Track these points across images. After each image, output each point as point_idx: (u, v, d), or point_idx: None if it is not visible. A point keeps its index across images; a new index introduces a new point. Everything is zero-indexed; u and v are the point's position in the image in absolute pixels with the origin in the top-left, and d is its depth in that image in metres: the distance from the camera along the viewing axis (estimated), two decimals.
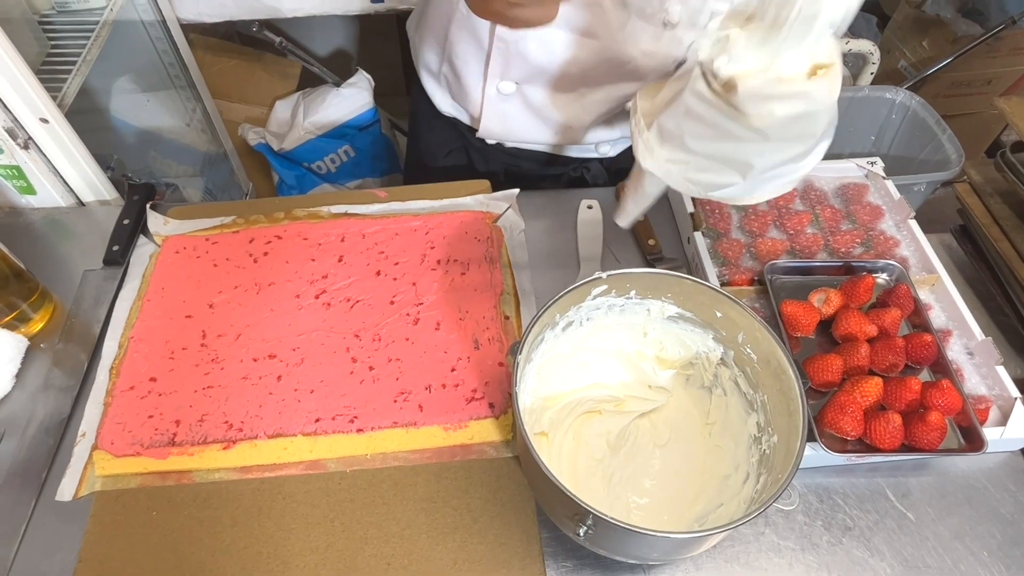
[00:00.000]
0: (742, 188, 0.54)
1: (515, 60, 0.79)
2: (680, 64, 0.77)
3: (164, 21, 1.28)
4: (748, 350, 0.59)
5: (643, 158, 0.57)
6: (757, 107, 0.46)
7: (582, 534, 0.50)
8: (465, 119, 0.94)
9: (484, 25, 0.78)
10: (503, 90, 0.84)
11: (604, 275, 0.59)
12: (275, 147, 1.65)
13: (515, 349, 0.54)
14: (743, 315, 0.58)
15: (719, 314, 0.60)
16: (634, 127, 0.59)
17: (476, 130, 0.91)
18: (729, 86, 0.46)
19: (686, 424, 0.65)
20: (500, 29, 0.76)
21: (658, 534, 0.48)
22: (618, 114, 0.89)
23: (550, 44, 0.76)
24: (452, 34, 0.82)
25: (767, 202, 0.85)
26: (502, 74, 0.82)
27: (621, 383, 0.67)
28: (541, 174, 0.99)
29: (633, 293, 0.62)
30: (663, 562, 0.59)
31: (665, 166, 0.55)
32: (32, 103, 0.81)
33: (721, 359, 0.63)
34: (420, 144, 1.02)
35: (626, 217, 0.66)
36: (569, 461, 0.62)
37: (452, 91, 0.91)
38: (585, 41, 0.75)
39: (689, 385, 0.67)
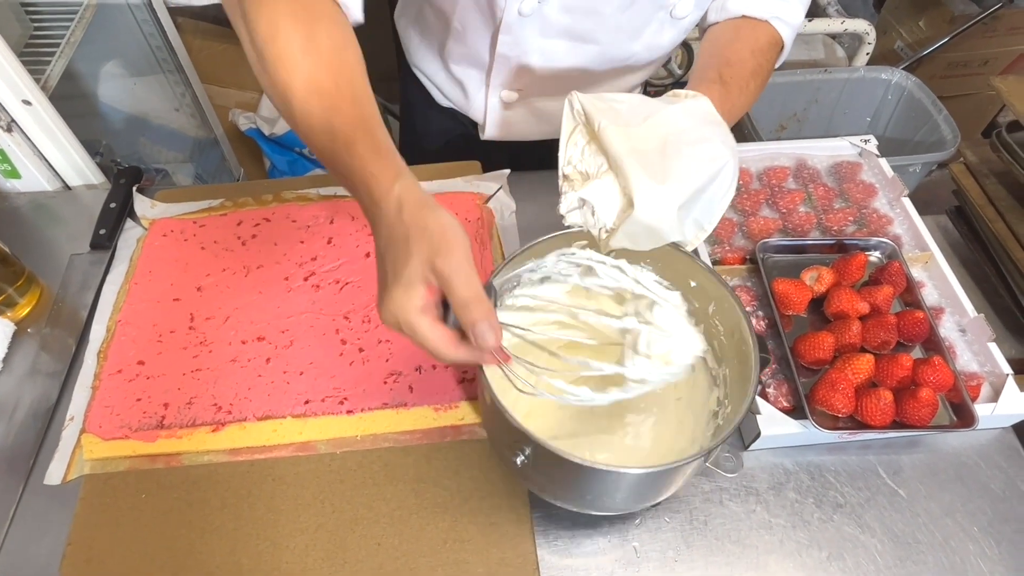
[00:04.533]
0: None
1: (518, 72, 0.78)
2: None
3: (150, 4, 1.26)
4: (716, 322, 0.59)
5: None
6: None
7: (519, 463, 0.50)
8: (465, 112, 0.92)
9: (484, 41, 0.76)
10: (506, 99, 0.83)
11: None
12: (266, 132, 1.64)
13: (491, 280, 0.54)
14: (716, 285, 0.57)
15: (693, 284, 0.59)
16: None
17: (476, 123, 0.90)
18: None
19: (656, 398, 0.62)
20: (501, 46, 0.74)
21: (594, 466, 0.46)
22: None
23: (552, 55, 0.76)
24: (449, 47, 0.81)
25: (759, 180, 0.84)
26: (504, 84, 0.81)
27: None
28: (542, 157, 0.98)
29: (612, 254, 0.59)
30: (612, 512, 0.58)
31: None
32: (14, 85, 0.80)
33: None
34: (417, 134, 1.01)
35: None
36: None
37: (450, 96, 0.90)
38: (588, 47, 0.75)
39: None
